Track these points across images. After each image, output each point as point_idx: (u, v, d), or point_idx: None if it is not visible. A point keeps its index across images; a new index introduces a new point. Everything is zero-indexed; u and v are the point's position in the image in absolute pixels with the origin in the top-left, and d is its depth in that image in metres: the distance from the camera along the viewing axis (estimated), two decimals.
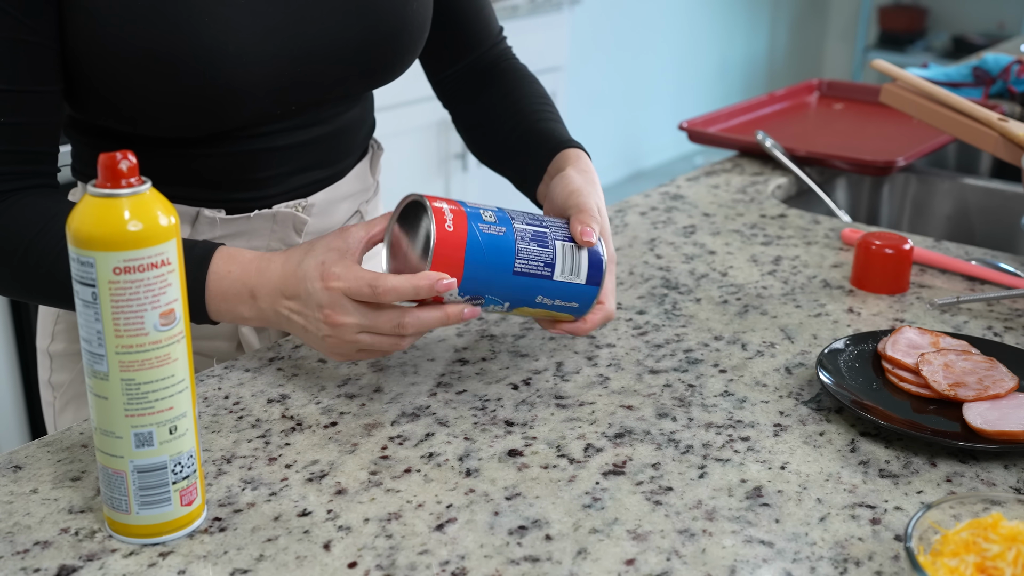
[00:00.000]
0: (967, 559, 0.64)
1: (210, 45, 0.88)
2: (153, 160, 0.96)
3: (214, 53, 0.88)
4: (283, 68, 0.93)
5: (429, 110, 2.76)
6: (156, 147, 0.96)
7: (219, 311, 0.88)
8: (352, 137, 1.08)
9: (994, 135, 1.26)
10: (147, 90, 0.89)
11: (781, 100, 1.85)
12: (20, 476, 0.79)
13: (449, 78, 1.16)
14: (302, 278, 0.85)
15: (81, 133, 1.00)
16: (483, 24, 1.15)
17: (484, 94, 1.13)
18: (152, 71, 0.88)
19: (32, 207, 0.88)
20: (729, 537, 0.73)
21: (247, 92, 0.92)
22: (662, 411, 0.89)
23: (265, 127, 0.98)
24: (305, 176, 1.04)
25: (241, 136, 0.97)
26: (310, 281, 0.84)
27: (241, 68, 0.90)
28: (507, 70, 1.15)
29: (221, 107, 0.92)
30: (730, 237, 1.28)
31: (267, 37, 0.91)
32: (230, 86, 0.90)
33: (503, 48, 1.17)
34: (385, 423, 0.87)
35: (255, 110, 0.94)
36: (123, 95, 0.90)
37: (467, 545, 0.72)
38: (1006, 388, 0.89)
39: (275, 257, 0.87)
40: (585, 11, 4.24)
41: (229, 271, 0.87)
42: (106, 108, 0.92)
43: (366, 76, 1.01)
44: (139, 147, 0.96)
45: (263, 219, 1.02)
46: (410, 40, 1.02)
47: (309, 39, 0.94)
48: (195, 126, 0.93)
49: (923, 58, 5.18)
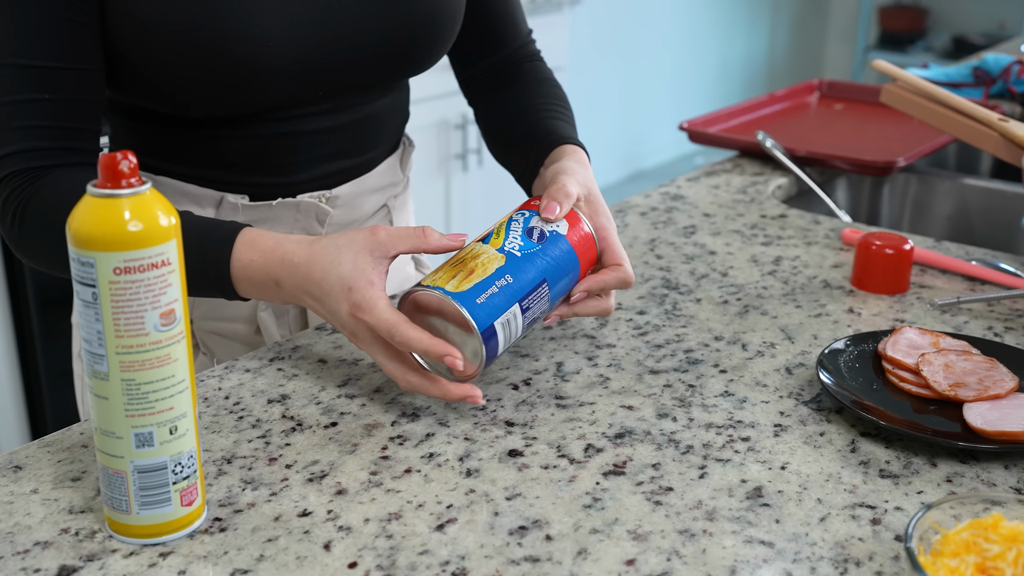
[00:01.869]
0: (967, 559, 0.64)
1: (237, 28, 0.90)
2: (181, 141, 1.00)
3: (241, 35, 0.91)
4: (309, 52, 0.95)
5: (429, 110, 2.76)
6: (187, 128, 0.99)
7: (248, 293, 0.90)
8: (381, 127, 1.08)
9: (994, 135, 1.26)
10: (178, 69, 0.92)
11: (781, 100, 1.85)
12: (20, 476, 0.79)
13: (475, 75, 1.17)
14: (328, 292, 0.85)
15: (118, 114, 1.02)
16: (512, 23, 1.15)
17: (503, 92, 1.14)
18: (182, 51, 0.90)
19: (72, 183, 0.89)
20: (729, 537, 0.73)
21: (273, 74, 0.94)
22: (662, 411, 0.89)
23: (292, 111, 0.99)
24: (331, 164, 1.05)
25: (269, 119, 0.99)
26: (335, 300, 0.85)
27: (267, 51, 0.92)
28: (529, 71, 1.15)
29: (248, 88, 0.94)
30: (730, 237, 1.28)
31: (294, 21, 0.93)
32: (256, 68, 0.92)
33: (531, 50, 1.18)
34: (385, 423, 0.87)
35: (282, 93, 0.96)
36: (156, 74, 0.93)
37: (467, 545, 0.72)
38: (1006, 388, 0.89)
39: (298, 251, 0.87)
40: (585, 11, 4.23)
41: (252, 260, 0.88)
42: (141, 87, 0.95)
43: (393, 65, 1.02)
44: (170, 128, 0.99)
45: (286, 208, 1.03)
46: (439, 31, 1.02)
47: (337, 25, 0.96)
48: (224, 106, 0.95)
49: (923, 58, 5.18)
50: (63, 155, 0.91)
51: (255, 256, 0.88)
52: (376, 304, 0.83)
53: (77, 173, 0.91)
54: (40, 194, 0.90)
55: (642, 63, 4.81)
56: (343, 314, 0.85)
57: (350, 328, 0.85)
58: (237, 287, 0.89)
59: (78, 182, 0.89)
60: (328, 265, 0.85)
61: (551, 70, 1.18)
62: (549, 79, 1.16)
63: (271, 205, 1.02)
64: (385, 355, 0.85)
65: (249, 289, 0.89)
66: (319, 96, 0.99)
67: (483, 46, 1.15)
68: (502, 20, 1.14)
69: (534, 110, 1.09)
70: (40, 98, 0.89)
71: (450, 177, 3.00)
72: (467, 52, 1.15)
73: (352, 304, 0.84)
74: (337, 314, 0.85)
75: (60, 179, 0.90)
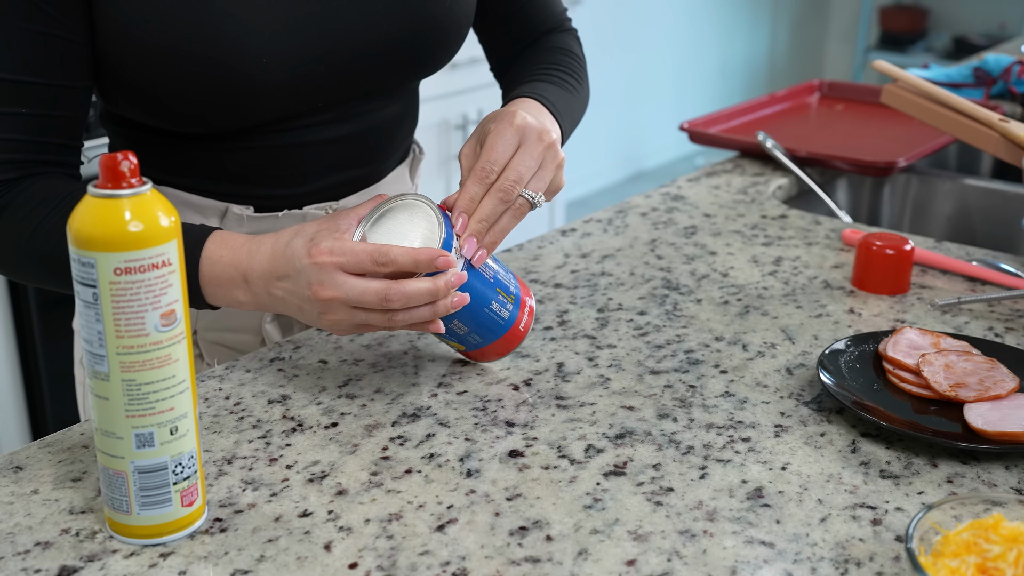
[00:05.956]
0: (968, 560, 0.64)
1: (229, 45, 0.89)
2: (183, 153, 0.98)
3: (233, 52, 0.89)
4: (305, 67, 0.94)
5: (429, 111, 2.76)
6: (186, 140, 0.98)
7: (215, 296, 0.88)
8: (389, 136, 1.07)
9: (995, 136, 1.26)
10: (172, 87, 0.91)
11: (782, 101, 1.85)
12: (21, 477, 0.79)
13: (507, 62, 1.15)
14: (290, 257, 0.84)
15: (116, 124, 1.01)
16: (544, 9, 1.13)
17: (514, 67, 1.12)
18: (175, 69, 0.89)
19: (46, 187, 0.89)
20: (730, 538, 0.73)
21: (267, 90, 0.93)
22: (663, 412, 0.89)
23: (294, 123, 0.98)
24: (339, 175, 1.03)
25: (270, 132, 0.98)
26: (298, 259, 0.83)
27: (260, 67, 0.91)
28: (545, 41, 1.13)
29: (243, 105, 0.93)
30: (731, 238, 1.28)
31: (287, 36, 0.92)
32: (250, 84, 0.91)
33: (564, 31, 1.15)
34: (386, 424, 0.87)
35: (278, 106, 0.95)
36: (149, 91, 0.92)
37: (468, 546, 0.72)
38: (1007, 389, 0.89)
39: (265, 239, 0.87)
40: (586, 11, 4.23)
41: (221, 256, 0.86)
42: (135, 103, 0.94)
43: (391, 75, 1.01)
44: (170, 139, 0.98)
45: (292, 219, 1.02)
46: (443, 36, 1.01)
47: (331, 38, 0.94)
48: (219, 122, 0.94)
49: (924, 59, 5.18)
50: (39, 167, 0.90)
51: (225, 252, 0.86)
52: (344, 242, 0.82)
53: (53, 179, 0.90)
54: (14, 204, 0.88)
55: (643, 64, 4.81)
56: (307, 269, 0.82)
57: (319, 307, 0.83)
58: (204, 289, 0.87)
59: (49, 189, 0.88)
60: (291, 237, 0.85)
61: (577, 42, 1.14)
62: (559, 47, 1.12)
63: (277, 216, 1.01)
64: (358, 293, 0.82)
65: (216, 291, 0.87)
66: (318, 107, 0.98)
67: (515, 34, 1.13)
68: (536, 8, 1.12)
69: (523, 72, 1.07)
70: (16, 112, 0.87)
71: (451, 177, 3.00)
72: (501, 41, 1.13)
73: (315, 250, 0.82)
74: (302, 272, 0.82)
75: (32, 188, 0.89)
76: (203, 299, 0.88)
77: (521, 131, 0.87)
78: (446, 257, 0.82)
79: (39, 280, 0.92)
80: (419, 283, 0.82)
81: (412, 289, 0.82)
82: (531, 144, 0.86)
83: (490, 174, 0.86)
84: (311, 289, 0.83)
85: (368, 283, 0.82)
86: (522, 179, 0.86)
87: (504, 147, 0.86)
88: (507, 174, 0.86)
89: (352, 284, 0.82)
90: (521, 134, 0.87)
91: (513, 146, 0.86)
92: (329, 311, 0.83)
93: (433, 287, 0.82)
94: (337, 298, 0.82)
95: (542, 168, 0.87)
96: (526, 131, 0.87)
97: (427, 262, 0.81)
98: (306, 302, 0.84)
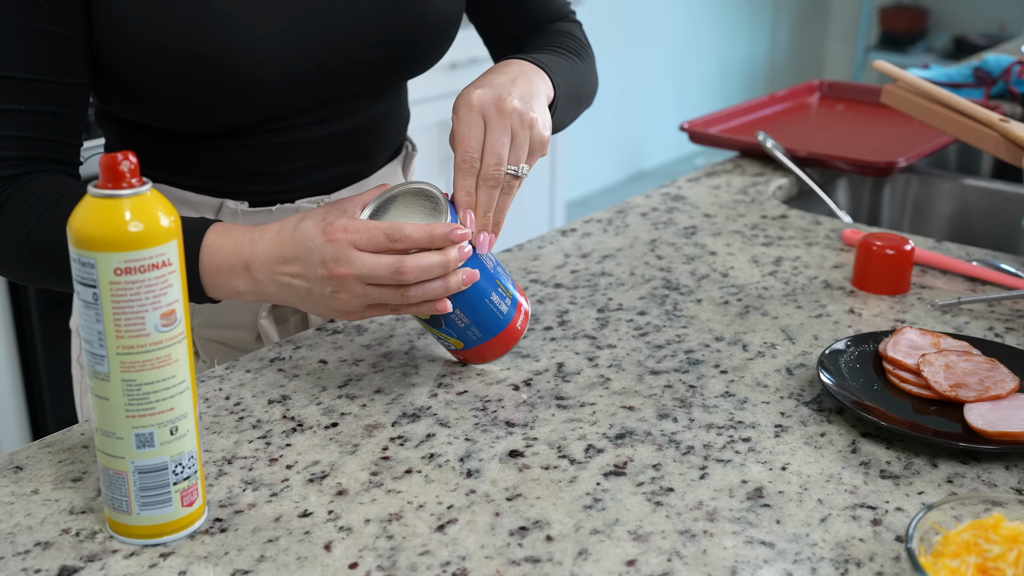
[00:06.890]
0: (968, 560, 0.64)
1: (223, 43, 0.90)
2: (178, 151, 0.99)
3: (227, 51, 0.90)
4: (298, 65, 0.94)
5: (430, 111, 2.76)
6: (181, 138, 0.98)
7: (214, 285, 0.87)
8: (378, 133, 1.08)
9: (995, 136, 1.26)
10: (167, 85, 0.91)
11: (782, 101, 1.85)
12: (21, 477, 0.79)
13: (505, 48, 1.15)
14: (301, 239, 0.84)
15: (112, 123, 1.02)
16: (547, 3, 1.13)
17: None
18: (170, 67, 0.90)
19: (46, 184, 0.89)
20: (730, 538, 0.73)
21: (262, 89, 0.93)
22: (663, 412, 0.89)
23: (287, 121, 0.99)
24: (329, 171, 1.04)
25: (263, 130, 0.98)
26: (311, 239, 0.83)
27: (254, 65, 0.91)
28: (549, 28, 1.12)
29: (238, 103, 0.93)
30: (731, 238, 1.28)
31: (281, 35, 0.93)
32: (245, 83, 0.92)
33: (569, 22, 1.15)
34: (386, 424, 0.87)
35: (273, 105, 0.96)
36: (144, 89, 0.92)
37: (468, 546, 0.72)
38: (1007, 389, 0.89)
39: (269, 227, 0.87)
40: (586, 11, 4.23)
41: (222, 244, 0.86)
42: (130, 101, 0.94)
43: (384, 73, 1.01)
44: (164, 138, 0.98)
45: (284, 213, 1.03)
46: (432, 36, 1.01)
47: (325, 37, 0.95)
48: (214, 121, 0.95)
49: (924, 59, 5.18)
50: (39, 165, 0.90)
51: (227, 241, 0.86)
52: (357, 220, 0.83)
53: (52, 176, 0.90)
54: (13, 200, 0.88)
55: (643, 64, 4.81)
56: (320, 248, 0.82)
57: (332, 286, 0.83)
58: (204, 278, 0.87)
59: (48, 186, 0.88)
60: (299, 221, 0.85)
61: (582, 31, 1.14)
62: (560, 31, 1.11)
63: (271, 211, 1.02)
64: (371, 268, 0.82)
65: (216, 280, 0.87)
66: (311, 106, 0.99)
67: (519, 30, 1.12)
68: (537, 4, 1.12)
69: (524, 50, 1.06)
70: (16, 109, 0.87)
71: (450, 176, 2.99)
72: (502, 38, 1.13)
73: (329, 229, 0.82)
74: (315, 251, 0.82)
75: (31, 184, 0.89)
76: (203, 291, 0.88)
77: (481, 110, 0.86)
78: (462, 230, 0.83)
79: (38, 277, 0.92)
80: (431, 255, 0.83)
81: (425, 260, 0.82)
82: (494, 120, 0.86)
83: (473, 163, 0.86)
84: (325, 267, 0.83)
85: (381, 257, 0.82)
86: (501, 159, 0.86)
87: (474, 134, 0.86)
88: (487, 160, 0.86)
89: (365, 259, 0.82)
90: (482, 112, 0.86)
91: (480, 128, 0.86)
92: (342, 289, 0.83)
93: (445, 259, 0.83)
94: (351, 275, 0.82)
95: (515, 139, 0.87)
96: (484, 108, 0.86)
97: (443, 236, 0.82)
98: (317, 283, 0.84)
